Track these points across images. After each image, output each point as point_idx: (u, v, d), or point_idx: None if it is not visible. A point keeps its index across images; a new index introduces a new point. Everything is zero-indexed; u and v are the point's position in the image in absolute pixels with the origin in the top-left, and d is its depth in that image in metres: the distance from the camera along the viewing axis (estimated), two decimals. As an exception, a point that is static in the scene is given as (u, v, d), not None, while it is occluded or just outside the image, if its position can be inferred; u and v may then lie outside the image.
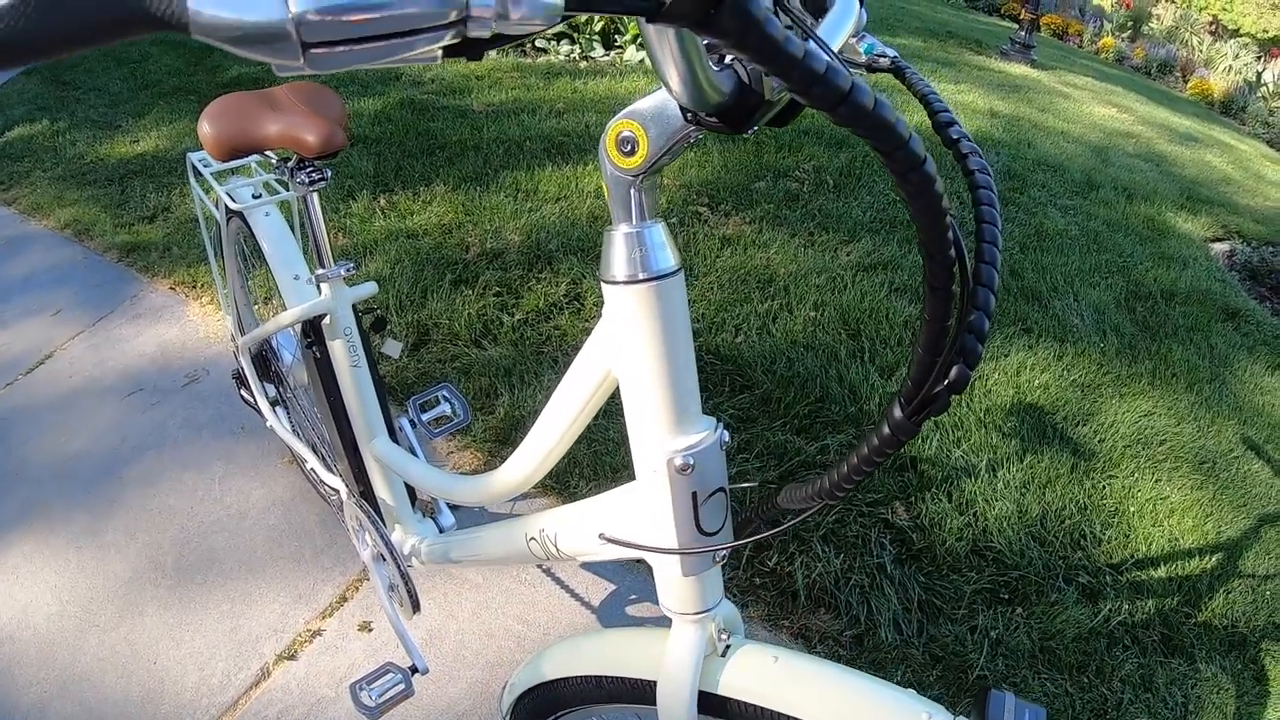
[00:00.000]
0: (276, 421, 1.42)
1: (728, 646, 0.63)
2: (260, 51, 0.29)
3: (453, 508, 1.25)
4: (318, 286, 1.05)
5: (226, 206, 1.25)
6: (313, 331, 1.08)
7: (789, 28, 0.35)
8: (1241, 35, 17.49)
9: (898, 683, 1.42)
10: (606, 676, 0.72)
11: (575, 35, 4.71)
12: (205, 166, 1.29)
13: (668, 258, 0.54)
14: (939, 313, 0.43)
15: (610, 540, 0.64)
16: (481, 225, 2.64)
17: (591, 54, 4.67)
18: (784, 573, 1.67)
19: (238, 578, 1.67)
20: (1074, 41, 11.01)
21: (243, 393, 1.62)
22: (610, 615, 1.59)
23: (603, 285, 0.54)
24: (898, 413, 0.49)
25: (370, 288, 1.10)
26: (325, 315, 1.06)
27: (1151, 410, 2.44)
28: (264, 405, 1.45)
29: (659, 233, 0.55)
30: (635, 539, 0.61)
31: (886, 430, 0.50)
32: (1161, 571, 1.92)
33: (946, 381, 0.45)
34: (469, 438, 1.95)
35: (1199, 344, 2.97)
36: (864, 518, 1.78)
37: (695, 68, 0.44)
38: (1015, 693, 1.48)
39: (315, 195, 1.03)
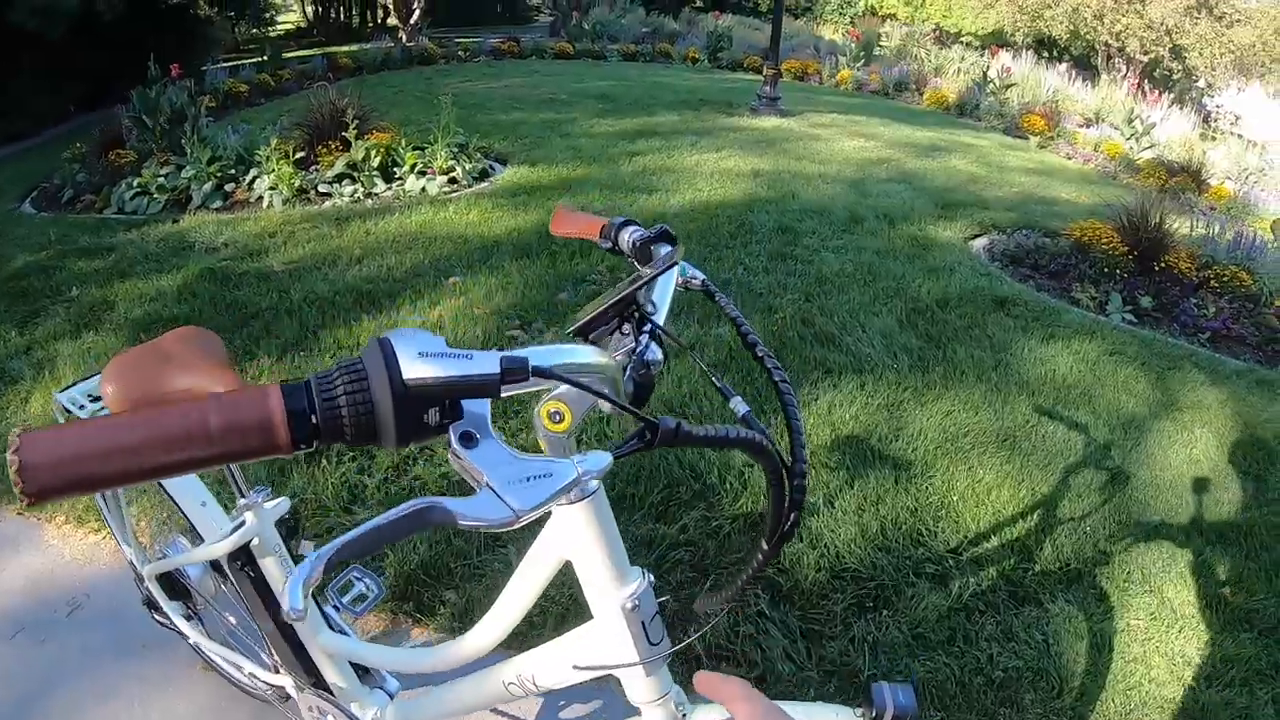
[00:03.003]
0: (201, 638, 1.62)
1: (684, 715, 0.94)
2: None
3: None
4: (242, 514, 1.24)
5: None
6: (243, 555, 1.28)
7: (644, 331, 0.81)
8: (964, 37, 20.52)
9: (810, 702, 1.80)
10: None
11: (356, 175, 5.08)
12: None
13: (593, 482, 0.82)
14: (778, 494, 0.85)
15: (583, 668, 0.91)
16: None
17: (374, 190, 5.06)
18: (664, 600, 2.03)
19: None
20: (815, 80, 12.63)
21: (156, 616, 1.77)
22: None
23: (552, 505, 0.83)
24: (765, 545, 0.89)
25: (285, 503, 1.31)
26: (254, 538, 1.26)
27: (950, 410, 3.04)
28: (183, 625, 1.64)
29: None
30: (605, 662, 0.89)
31: (759, 558, 0.90)
32: (994, 541, 2.44)
33: (790, 522, 0.87)
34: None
35: (978, 338, 3.67)
36: (722, 574, 2.18)
37: (620, 403, 0.78)
38: (892, 680, 1.89)
39: None
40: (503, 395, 0.61)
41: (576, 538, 0.84)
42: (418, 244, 4.18)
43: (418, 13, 14.47)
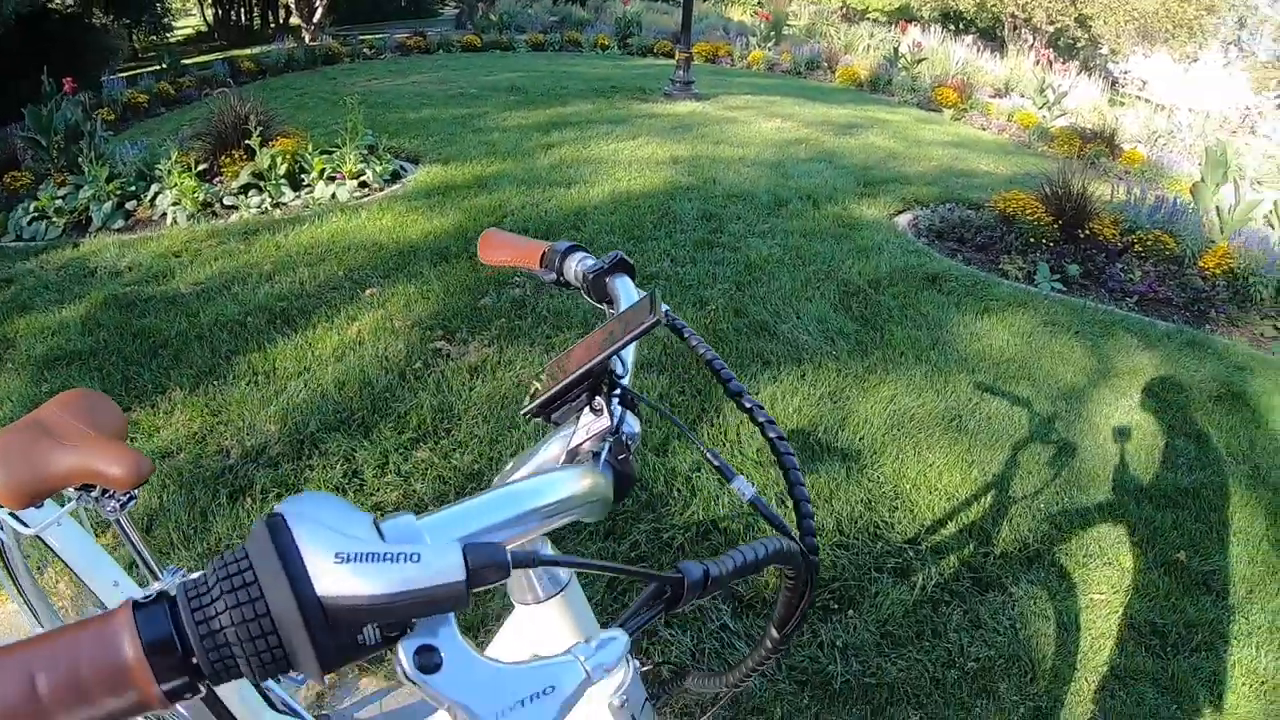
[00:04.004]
0: None
1: None
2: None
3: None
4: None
5: (16, 531, 1.27)
6: None
7: (614, 400, 0.66)
8: (871, 14, 20.91)
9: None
10: None
11: (262, 185, 4.88)
12: None
13: (559, 579, 0.74)
14: (794, 583, 0.76)
15: None
16: (233, 423, 2.73)
17: (282, 200, 4.86)
18: (648, 669, 1.96)
19: None
20: (726, 62, 12.68)
21: None
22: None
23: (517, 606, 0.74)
24: (774, 632, 0.80)
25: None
26: None
27: (894, 394, 3.05)
28: None
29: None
30: None
31: (768, 646, 0.81)
32: (951, 528, 2.44)
33: (800, 610, 0.78)
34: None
35: (913, 317, 3.69)
36: (737, 661, 2.13)
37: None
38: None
39: (125, 514, 1.08)
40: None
41: (548, 640, 0.72)
42: (330, 255, 4.02)
43: (320, 11, 14.09)
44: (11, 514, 1.22)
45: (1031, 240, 4.75)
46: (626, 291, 0.88)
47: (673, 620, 2.04)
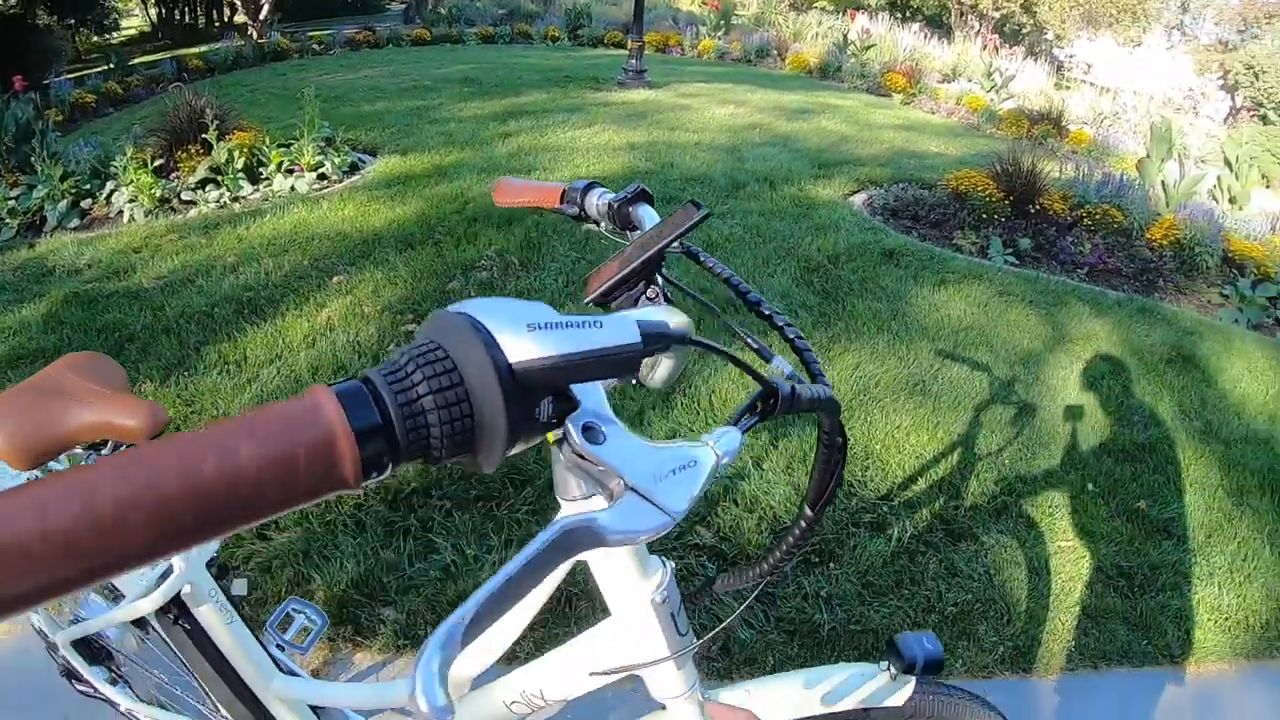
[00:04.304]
0: (132, 703, 1.48)
1: (707, 701, 0.89)
2: None
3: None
4: (166, 562, 1.11)
5: None
6: (175, 606, 1.15)
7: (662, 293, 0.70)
8: (819, 2, 21.14)
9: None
10: None
11: (220, 179, 4.80)
12: None
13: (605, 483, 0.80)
14: (827, 455, 0.81)
15: (601, 673, 0.83)
16: (207, 412, 2.70)
17: (241, 194, 4.78)
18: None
19: None
20: (676, 52, 12.75)
21: (78, 687, 1.61)
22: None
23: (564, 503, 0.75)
24: (808, 511, 0.84)
25: (213, 544, 1.14)
26: (184, 586, 1.13)
27: (858, 362, 3.13)
28: (110, 692, 1.49)
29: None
30: (631, 662, 0.82)
31: (802, 526, 0.84)
32: (922, 484, 2.52)
33: (834, 483, 0.82)
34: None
35: (873, 290, 3.79)
36: (675, 550, 2.17)
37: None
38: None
39: None
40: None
41: None
42: (294, 245, 3.97)
43: (266, 8, 13.84)
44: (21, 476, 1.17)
45: (984, 216, 4.88)
46: (650, 215, 0.93)
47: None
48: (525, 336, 0.44)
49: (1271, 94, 17.97)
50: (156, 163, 4.86)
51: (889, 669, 0.88)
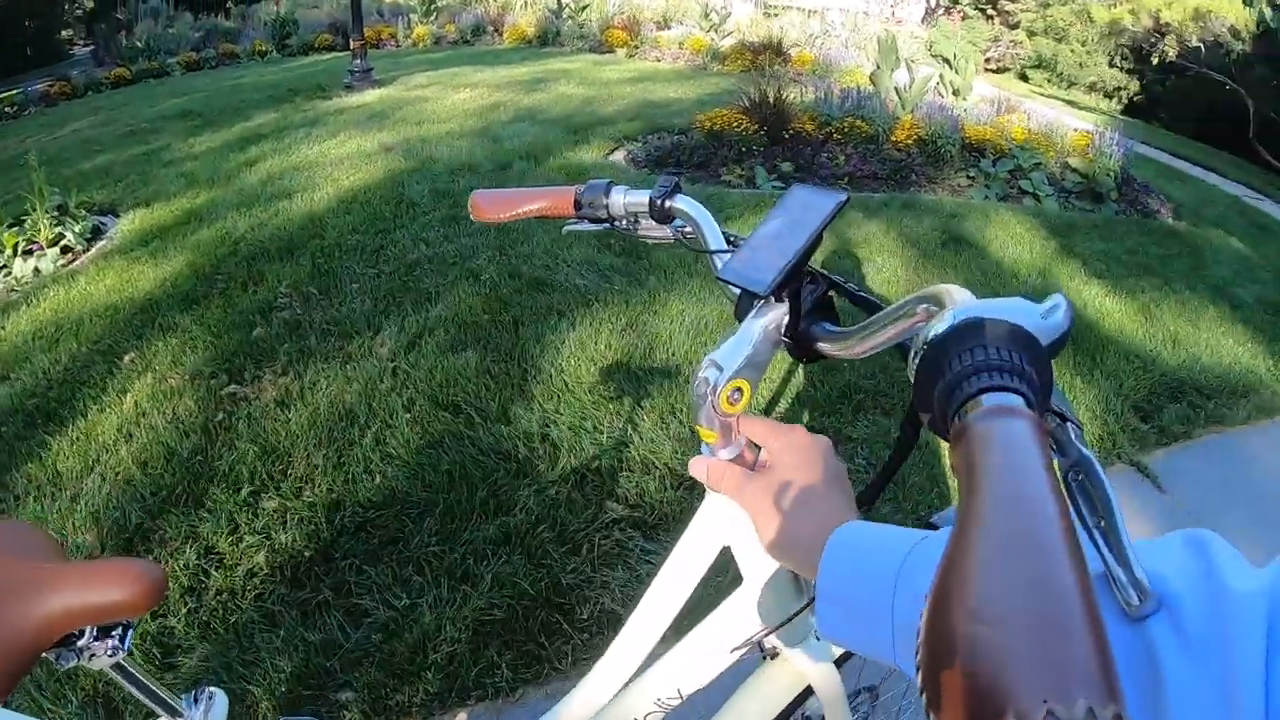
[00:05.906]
0: None
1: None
2: None
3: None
4: None
5: None
6: None
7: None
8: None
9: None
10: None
11: None
12: None
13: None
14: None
15: (740, 647, 0.83)
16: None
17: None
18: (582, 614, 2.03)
19: None
20: (391, 45, 12.37)
21: None
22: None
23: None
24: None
25: (223, 700, 1.01)
26: None
27: (682, 309, 3.27)
28: None
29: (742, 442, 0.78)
30: (771, 622, 0.82)
31: (908, 430, 0.72)
32: (788, 402, 2.69)
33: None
34: None
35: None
36: (594, 534, 2.19)
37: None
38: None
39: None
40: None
41: (736, 519, 0.79)
42: (64, 333, 3.47)
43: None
44: None
45: (743, 150, 5.16)
46: (692, 205, 0.93)
47: (597, 566, 2.11)
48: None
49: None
50: None
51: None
